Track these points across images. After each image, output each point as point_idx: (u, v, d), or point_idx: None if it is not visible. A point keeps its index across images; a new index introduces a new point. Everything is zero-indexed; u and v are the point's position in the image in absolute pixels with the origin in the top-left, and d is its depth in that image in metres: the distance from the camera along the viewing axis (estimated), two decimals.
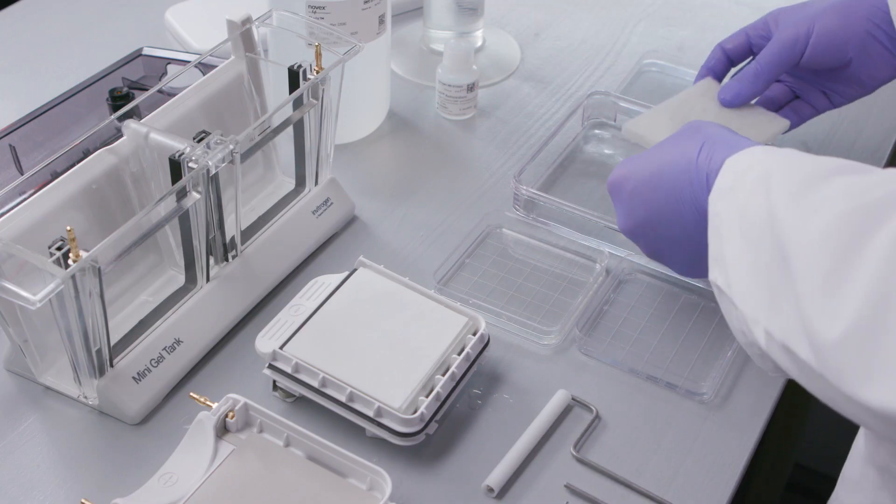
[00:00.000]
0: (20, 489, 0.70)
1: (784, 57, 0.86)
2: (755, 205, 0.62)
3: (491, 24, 1.18)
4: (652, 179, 0.74)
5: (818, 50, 0.85)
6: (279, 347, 0.74)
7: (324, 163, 0.89)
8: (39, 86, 1.05)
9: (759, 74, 0.87)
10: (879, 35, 0.84)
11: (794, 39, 0.85)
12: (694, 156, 0.71)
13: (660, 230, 0.75)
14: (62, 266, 0.64)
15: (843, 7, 0.85)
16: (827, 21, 0.84)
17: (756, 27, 0.90)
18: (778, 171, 0.63)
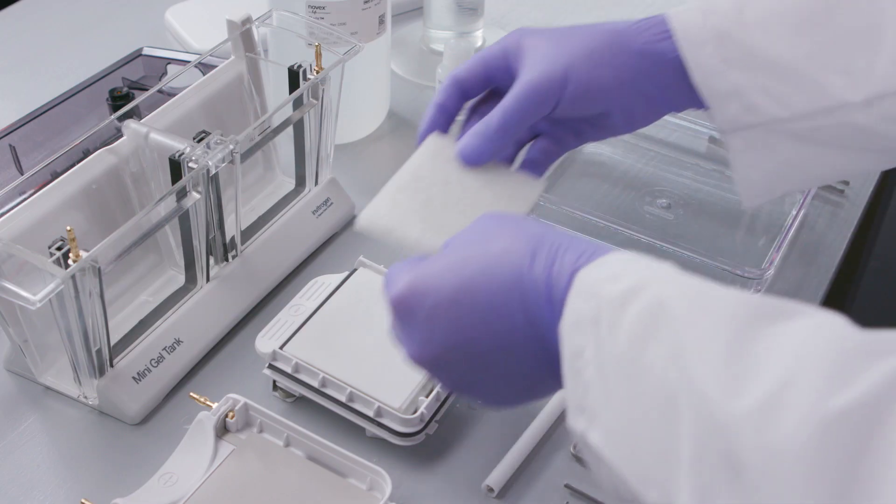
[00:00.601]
0: (20, 489, 0.70)
1: (532, 109, 0.70)
2: (653, 363, 0.47)
3: (491, 24, 1.18)
4: (460, 298, 0.56)
5: (573, 102, 0.71)
6: (279, 347, 0.74)
7: (324, 163, 0.89)
8: (39, 86, 1.05)
9: (504, 129, 0.70)
10: (645, 85, 0.72)
11: (545, 90, 0.70)
12: (524, 264, 0.55)
13: (475, 361, 0.57)
14: (62, 266, 0.64)
15: (604, 52, 0.71)
16: (584, 70, 0.70)
17: (495, 55, 0.73)
18: (679, 307, 0.48)
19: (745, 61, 0.70)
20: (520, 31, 0.74)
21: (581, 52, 0.71)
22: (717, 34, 0.70)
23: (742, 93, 0.70)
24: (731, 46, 0.70)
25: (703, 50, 0.70)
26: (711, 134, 0.99)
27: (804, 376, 0.42)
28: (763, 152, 0.72)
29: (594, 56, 0.71)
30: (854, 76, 0.68)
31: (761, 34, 0.70)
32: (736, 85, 0.70)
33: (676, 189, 0.96)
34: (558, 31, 0.73)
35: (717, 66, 0.70)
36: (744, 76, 0.70)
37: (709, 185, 0.97)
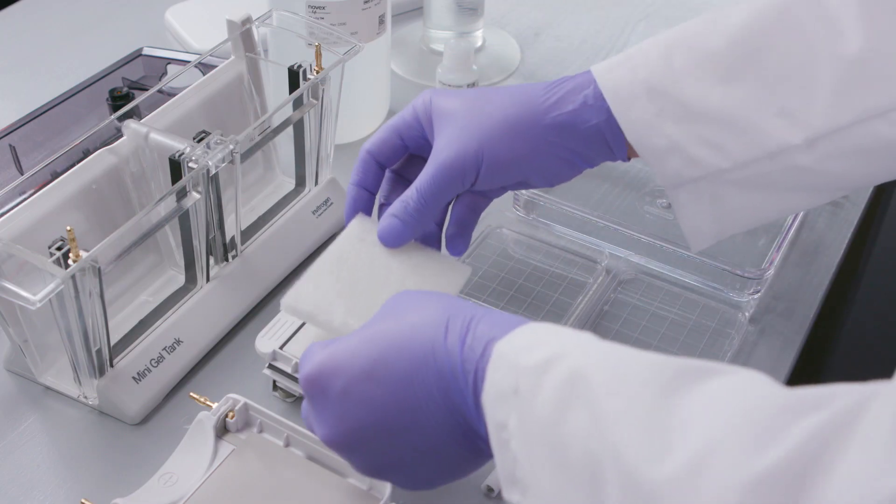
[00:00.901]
0: (20, 489, 0.70)
1: (448, 189, 0.70)
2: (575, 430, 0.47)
3: (491, 24, 1.18)
4: (373, 372, 0.55)
5: (489, 176, 0.71)
6: (279, 347, 0.74)
7: (324, 163, 0.89)
8: (39, 86, 1.05)
9: (421, 210, 0.70)
10: (562, 152, 0.71)
11: (460, 169, 0.70)
12: (439, 337, 0.54)
13: (389, 439, 0.56)
14: (62, 266, 0.64)
15: (516, 125, 0.70)
16: (499, 146, 0.69)
17: (407, 123, 0.74)
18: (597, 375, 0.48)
19: (679, 114, 0.67)
20: (430, 94, 0.74)
21: (495, 127, 0.70)
22: (647, 88, 0.68)
23: (680, 147, 0.68)
24: (663, 99, 0.68)
25: (635, 106, 0.68)
26: None
27: (726, 439, 0.42)
28: (709, 202, 0.70)
29: (508, 131, 0.70)
30: (793, 118, 0.65)
31: (693, 83, 0.67)
32: (673, 139, 0.68)
33: None
34: (470, 99, 0.72)
35: (651, 121, 0.68)
36: (680, 129, 0.68)
37: None
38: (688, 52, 0.68)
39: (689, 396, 0.45)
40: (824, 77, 0.64)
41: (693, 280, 0.86)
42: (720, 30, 0.68)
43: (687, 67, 0.67)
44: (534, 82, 0.74)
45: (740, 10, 0.68)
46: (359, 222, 0.75)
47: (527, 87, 0.72)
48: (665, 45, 0.69)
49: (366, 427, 0.56)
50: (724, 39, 0.67)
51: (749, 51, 0.67)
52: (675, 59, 0.68)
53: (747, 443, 0.41)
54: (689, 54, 0.68)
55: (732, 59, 0.67)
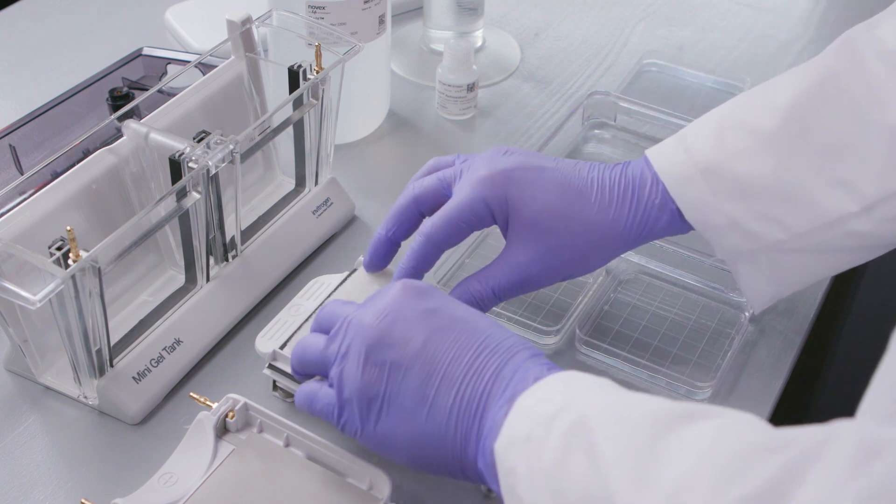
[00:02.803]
0: (20, 489, 0.70)
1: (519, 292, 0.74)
2: (574, 473, 0.51)
3: (491, 24, 1.18)
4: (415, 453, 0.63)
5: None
6: (279, 347, 0.74)
7: (324, 163, 0.89)
8: (39, 86, 1.05)
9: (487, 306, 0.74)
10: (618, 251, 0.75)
11: (538, 283, 0.73)
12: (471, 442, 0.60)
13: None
14: (62, 266, 0.64)
15: (602, 249, 0.73)
16: (582, 268, 0.74)
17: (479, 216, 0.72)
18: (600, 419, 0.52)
19: (735, 191, 0.69)
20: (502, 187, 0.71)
21: (582, 251, 0.72)
22: (702, 169, 0.70)
23: (739, 223, 0.70)
24: (719, 178, 0.70)
25: (692, 187, 0.70)
26: None
27: (703, 473, 0.45)
28: (767, 269, 0.72)
29: (595, 255, 0.73)
30: (848, 187, 0.67)
31: (747, 161, 0.69)
32: (731, 216, 0.70)
33: None
34: (555, 211, 0.71)
35: (708, 200, 0.70)
36: (737, 206, 0.70)
37: None
38: (739, 130, 0.70)
39: (676, 438, 0.48)
40: (876, 144, 0.66)
41: (693, 280, 0.86)
42: (769, 105, 0.70)
43: (739, 145, 0.69)
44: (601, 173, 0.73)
45: (787, 85, 0.70)
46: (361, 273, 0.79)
47: (598, 202, 0.71)
48: (716, 125, 0.71)
49: None
50: (774, 116, 0.69)
51: (799, 125, 0.68)
52: (727, 138, 0.70)
53: (719, 478, 0.45)
54: (740, 132, 0.70)
55: (784, 133, 0.69)
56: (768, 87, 0.72)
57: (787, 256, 0.71)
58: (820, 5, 1.26)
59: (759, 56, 1.16)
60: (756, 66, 1.14)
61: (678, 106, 1.05)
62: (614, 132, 1.02)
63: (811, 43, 1.18)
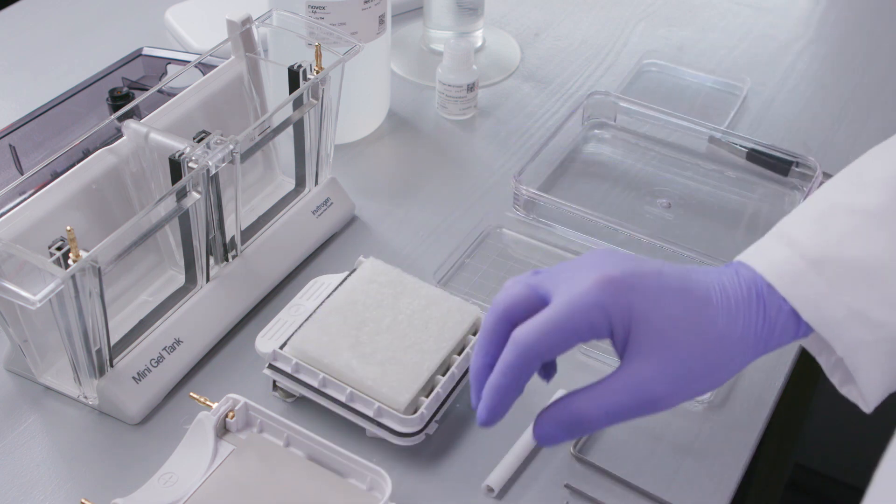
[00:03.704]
0: (20, 489, 0.70)
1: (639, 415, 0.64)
2: None
3: (491, 24, 1.18)
4: None
5: None
6: (279, 347, 0.74)
7: (324, 163, 0.89)
8: (39, 86, 1.05)
9: (591, 430, 0.66)
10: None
11: (665, 405, 0.63)
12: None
13: None
14: (62, 266, 0.64)
15: (719, 377, 0.65)
16: (716, 383, 0.65)
17: (594, 328, 0.61)
18: None
19: (851, 278, 0.63)
20: (626, 297, 0.60)
21: (704, 371, 0.62)
22: (811, 261, 0.63)
23: (861, 312, 0.62)
24: (831, 268, 0.63)
25: (804, 283, 0.63)
26: (711, 134, 0.99)
27: None
28: (886, 358, 0.64)
29: (730, 372, 0.63)
30: None
31: (858, 243, 0.63)
32: (851, 307, 0.62)
33: (676, 189, 0.96)
34: (687, 326, 0.62)
35: (825, 293, 0.62)
36: (856, 294, 0.62)
37: (709, 185, 0.97)
38: (841, 212, 0.64)
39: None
40: None
41: None
42: (866, 182, 0.65)
43: (845, 228, 0.63)
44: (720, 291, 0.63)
45: (879, 157, 0.66)
46: (370, 264, 0.79)
47: (730, 304, 0.63)
48: (814, 212, 0.65)
49: None
50: (876, 191, 0.64)
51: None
52: (830, 223, 0.64)
53: None
54: (843, 215, 0.64)
55: (891, 207, 0.63)
56: (859, 164, 0.67)
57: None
58: (820, 5, 1.26)
59: (759, 56, 1.16)
60: (756, 66, 1.14)
61: (678, 106, 1.05)
62: (614, 132, 1.02)
63: (811, 43, 1.19)
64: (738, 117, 1.06)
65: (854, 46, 1.19)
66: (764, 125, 1.06)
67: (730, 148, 0.99)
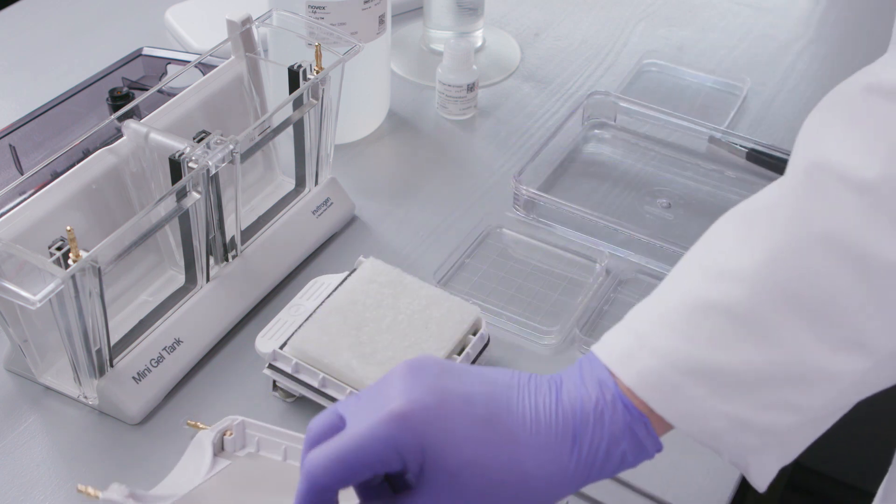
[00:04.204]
0: (20, 489, 0.70)
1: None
2: None
3: (491, 24, 1.18)
4: None
5: None
6: (279, 347, 0.74)
7: (324, 163, 0.89)
8: (39, 86, 1.05)
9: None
10: None
11: None
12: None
13: None
14: (62, 266, 0.64)
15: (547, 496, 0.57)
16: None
17: (383, 461, 0.54)
18: None
19: (733, 387, 0.56)
20: (416, 436, 0.53)
21: None
22: (683, 372, 0.56)
23: (745, 421, 0.56)
24: (706, 378, 0.56)
25: (679, 396, 0.56)
26: (711, 134, 0.99)
27: None
28: (778, 451, 0.59)
29: None
30: (857, 346, 0.55)
31: (731, 348, 0.56)
32: (733, 416, 0.56)
33: (676, 189, 0.96)
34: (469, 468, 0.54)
35: (704, 405, 0.56)
36: (738, 404, 0.56)
37: (709, 185, 0.97)
38: (706, 314, 0.56)
39: None
40: (870, 297, 0.54)
41: None
42: (727, 274, 0.57)
43: (713, 333, 0.56)
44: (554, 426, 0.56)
45: (748, 254, 0.57)
46: (370, 264, 0.79)
47: (549, 440, 0.56)
48: (671, 312, 0.58)
49: None
50: (746, 288, 0.56)
51: (779, 291, 0.56)
52: (696, 328, 0.57)
53: None
54: (709, 317, 0.56)
55: (758, 306, 0.56)
56: (714, 241, 0.61)
57: (799, 433, 0.58)
58: (820, 5, 1.26)
59: (759, 56, 1.16)
60: (756, 66, 1.14)
61: (678, 106, 1.05)
62: (614, 132, 1.02)
63: (811, 43, 1.19)
64: (738, 117, 1.06)
65: (854, 46, 1.19)
66: (764, 125, 1.06)
67: (730, 148, 0.99)
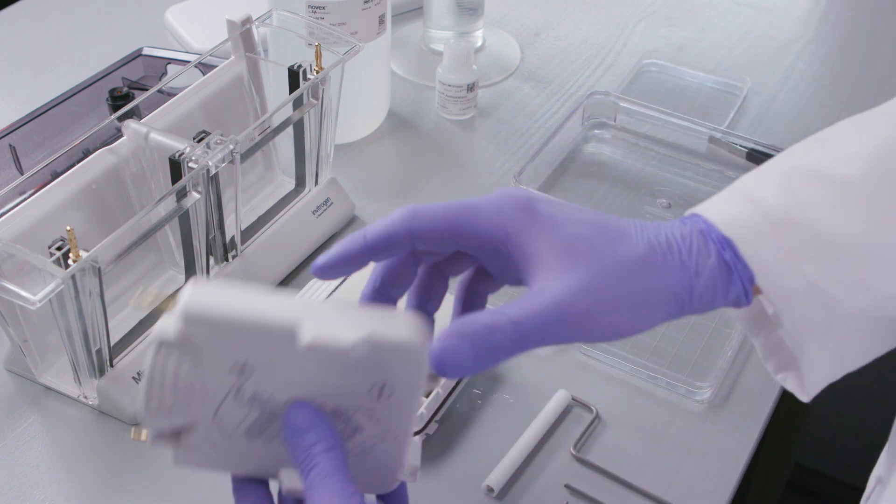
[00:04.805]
0: (20, 489, 0.70)
1: (555, 339, 0.54)
2: None
3: (491, 24, 1.18)
4: None
5: None
6: None
7: (324, 163, 0.89)
8: (39, 86, 1.05)
9: (512, 353, 0.53)
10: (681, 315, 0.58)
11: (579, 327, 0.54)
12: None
13: None
14: (62, 266, 0.64)
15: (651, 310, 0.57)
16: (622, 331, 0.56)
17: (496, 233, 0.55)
18: None
19: (815, 250, 0.57)
20: (520, 213, 0.54)
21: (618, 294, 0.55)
22: (774, 223, 0.57)
23: (819, 287, 0.57)
24: (796, 235, 0.57)
25: (764, 245, 0.56)
26: (711, 134, 0.99)
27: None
28: (834, 347, 0.59)
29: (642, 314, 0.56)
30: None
31: (829, 214, 0.57)
32: (810, 280, 0.57)
33: (676, 189, 0.96)
34: (572, 242, 0.54)
35: (785, 260, 0.56)
36: (818, 267, 0.57)
37: (709, 185, 0.97)
38: (812, 178, 0.58)
39: None
40: None
41: None
42: (844, 152, 0.59)
43: (815, 196, 0.58)
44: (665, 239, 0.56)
45: (860, 129, 0.61)
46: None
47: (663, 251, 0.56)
48: (781, 174, 0.59)
49: None
50: (854, 163, 0.58)
51: (888, 173, 0.58)
52: (798, 187, 0.58)
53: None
54: (814, 181, 0.58)
55: (869, 183, 0.57)
56: (831, 134, 0.62)
57: (862, 326, 0.59)
58: (820, 5, 1.26)
59: (759, 56, 1.16)
60: (756, 66, 1.14)
61: (678, 106, 1.05)
62: (614, 132, 1.02)
63: (811, 43, 1.19)
64: (738, 117, 1.06)
65: (854, 46, 1.19)
66: (764, 125, 1.06)
67: (730, 148, 0.99)
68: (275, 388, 0.50)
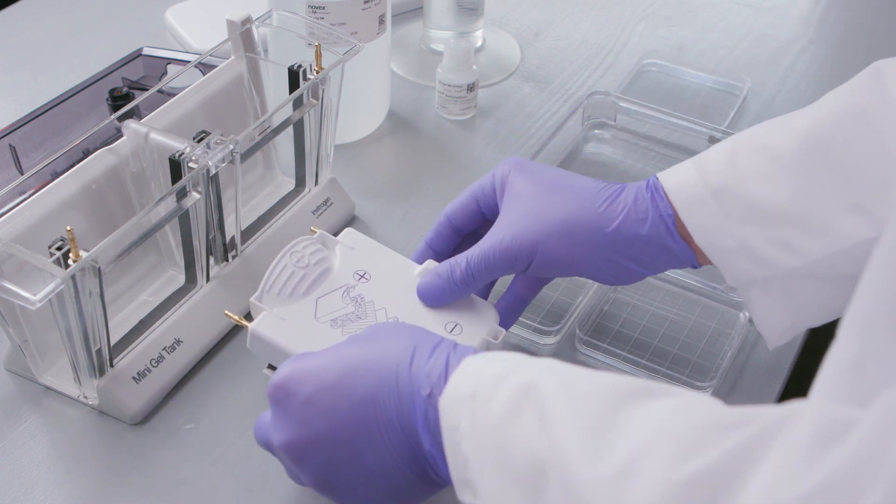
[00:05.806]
0: (20, 489, 0.70)
1: (497, 270, 0.70)
2: (523, 432, 0.50)
3: (491, 24, 1.18)
4: (339, 385, 0.58)
5: (542, 269, 0.70)
6: None
7: (324, 163, 0.89)
8: (39, 86, 1.05)
9: (467, 282, 0.70)
10: (620, 259, 0.70)
11: (512, 257, 0.69)
12: (405, 361, 0.57)
13: (344, 453, 0.59)
14: (62, 266, 0.64)
15: (573, 231, 0.69)
16: (554, 246, 0.69)
17: (485, 191, 0.74)
18: (551, 385, 0.51)
19: (747, 214, 0.66)
20: (511, 165, 0.73)
21: (553, 225, 0.69)
22: (713, 190, 0.67)
23: (750, 248, 0.66)
24: (731, 200, 0.66)
25: (702, 209, 0.67)
26: (712, 134, 0.99)
27: (659, 447, 0.45)
28: (781, 298, 0.68)
29: (566, 234, 0.69)
30: (868, 212, 0.63)
31: (760, 182, 0.66)
32: (742, 240, 0.66)
33: None
34: (543, 185, 0.71)
35: (719, 223, 0.67)
36: (748, 230, 0.66)
37: None
38: (754, 152, 0.67)
39: (633, 411, 0.48)
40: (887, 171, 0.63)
41: (693, 280, 0.86)
42: (787, 128, 0.67)
43: (753, 167, 0.66)
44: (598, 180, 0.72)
45: (809, 111, 0.68)
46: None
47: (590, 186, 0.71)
48: (730, 148, 0.68)
49: (323, 438, 0.59)
50: (791, 138, 0.66)
51: (818, 148, 0.65)
52: (741, 159, 0.67)
53: (678, 451, 0.44)
54: (754, 154, 0.67)
55: (800, 157, 0.65)
56: (791, 114, 0.69)
57: (801, 284, 0.67)
58: (820, 5, 1.26)
59: (759, 56, 1.16)
60: (756, 66, 1.14)
61: (678, 106, 1.05)
62: (614, 132, 1.02)
63: (811, 43, 1.19)
64: (738, 117, 1.06)
65: (854, 46, 1.19)
66: None
67: None
68: (376, 297, 0.71)
